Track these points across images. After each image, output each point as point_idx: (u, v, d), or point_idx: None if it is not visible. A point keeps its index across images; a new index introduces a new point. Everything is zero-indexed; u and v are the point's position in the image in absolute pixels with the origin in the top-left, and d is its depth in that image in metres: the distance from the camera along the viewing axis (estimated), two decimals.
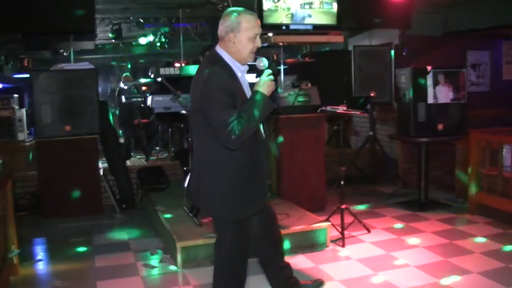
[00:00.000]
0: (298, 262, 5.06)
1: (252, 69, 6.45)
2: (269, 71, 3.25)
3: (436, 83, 6.78)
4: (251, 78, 6.79)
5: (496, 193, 6.42)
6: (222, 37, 3.27)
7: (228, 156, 3.17)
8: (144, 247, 5.65)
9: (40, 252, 5.68)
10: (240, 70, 3.34)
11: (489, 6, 8.09)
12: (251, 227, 3.52)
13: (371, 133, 8.53)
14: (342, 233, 5.54)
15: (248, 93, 3.32)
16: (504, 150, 6.41)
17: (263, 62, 3.28)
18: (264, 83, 3.21)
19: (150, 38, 11.66)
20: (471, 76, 9.74)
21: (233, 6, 6.68)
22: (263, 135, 3.45)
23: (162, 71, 5.19)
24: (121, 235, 6.14)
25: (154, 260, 5.23)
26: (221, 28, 3.27)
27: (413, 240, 5.70)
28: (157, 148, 9.35)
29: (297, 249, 5.31)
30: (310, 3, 6.50)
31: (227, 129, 3.01)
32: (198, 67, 3.39)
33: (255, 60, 3.35)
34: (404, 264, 5.01)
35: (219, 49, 3.31)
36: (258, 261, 3.81)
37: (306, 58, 9.59)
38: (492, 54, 10.15)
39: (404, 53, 8.55)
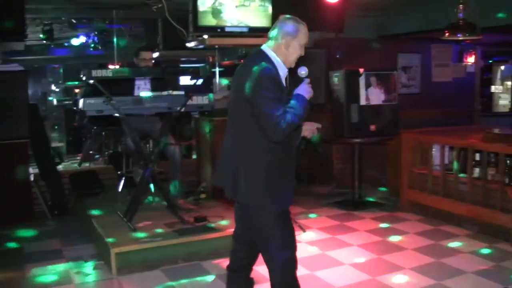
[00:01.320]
0: None
1: (184, 71, 6.42)
2: (308, 79, 3.42)
3: (368, 85, 6.92)
4: (186, 80, 6.77)
5: (426, 191, 6.61)
6: (277, 39, 3.39)
7: (267, 149, 3.27)
8: (77, 254, 5.52)
9: None
10: (284, 73, 3.43)
11: (420, 10, 8.30)
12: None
13: None
14: None
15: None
16: (433, 149, 6.62)
17: (304, 71, 3.43)
18: (306, 88, 3.37)
19: (83, 39, 11.40)
20: (402, 78, 9.96)
21: (168, 8, 6.67)
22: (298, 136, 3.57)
23: (94, 73, 5.07)
24: (54, 242, 5.96)
25: (88, 268, 5.12)
26: (279, 31, 3.39)
27: (348, 238, 5.79)
28: (90, 152, 9.14)
29: None
30: (246, 6, 6.51)
31: (275, 120, 3.13)
32: (243, 62, 3.51)
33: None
34: (339, 263, 5.09)
35: (267, 50, 3.41)
36: (230, 265, 3.72)
37: (242, 61, 9.59)
38: (422, 57, 10.43)
39: (337, 56, 8.67)
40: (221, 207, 6.15)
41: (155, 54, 7.78)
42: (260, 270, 4.90)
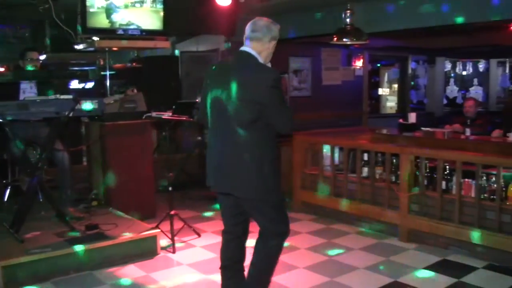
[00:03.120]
0: (129, 272, 4.95)
1: (72, 74, 6.19)
2: None
3: None
4: (75, 84, 6.56)
5: (318, 191, 6.77)
6: (263, 41, 3.61)
7: (273, 145, 3.57)
8: None
9: None
10: None
11: (310, 15, 8.50)
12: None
13: (199, 138, 8.59)
14: (172, 239, 5.52)
15: None
16: (324, 150, 6.79)
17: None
18: None
19: None
20: (293, 81, 10.19)
21: (55, 8, 6.43)
22: None
23: None
24: None
25: None
26: (266, 35, 3.61)
27: None
28: None
29: (127, 258, 5.19)
30: (136, 7, 6.41)
31: (290, 115, 3.53)
32: (229, 65, 3.66)
33: None
34: None
35: (253, 52, 3.59)
36: (223, 263, 3.87)
37: (134, 64, 9.46)
38: (313, 61, 10.71)
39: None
40: (114, 214, 6.01)
41: (42, 57, 7.49)
42: (154, 276, 4.83)
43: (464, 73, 14.69)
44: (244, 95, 3.42)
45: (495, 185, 5.13)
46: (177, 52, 9.51)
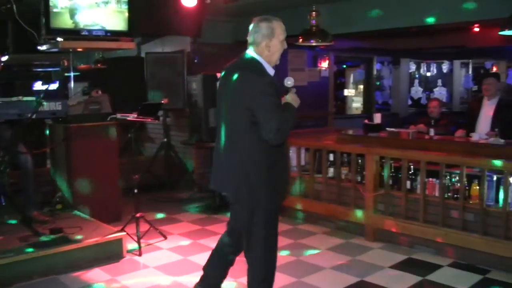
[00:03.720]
0: (94, 276, 4.90)
1: (35, 76, 6.09)
2: (295, 89, 3.65)
3: None
4: (38, 85, 6.45)
5: None
6: (258, 43, 3.55)
7: (268, 152, 3.44)
8: None
9: None
10: (272, 73, 3.59)
11: (276, 16, 8.50)
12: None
13: (165, 139, 8.54)
14: (138, 242, 5.47)
15: None
16: (290, 151, 6.80)
17: (291, 81, 3.66)
18: (294, 98, 3.58)
19: None
20: None
21: (18, 9, 6.31)
22: None
23: None
24: None
25: None
26: (256, 36, 3.56)
27: (209, 242, 5.79)
28: None
29: (92, 262, 5.13)
30: (100, 7, 6.33)
31: (276, 127, 3.30)
32: (230, 69, 3.61)
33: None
34: (201, 268, 5.06)
35: (254, 54, 3.56)
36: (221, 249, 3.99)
37: (99, 65, 9.35)
38: (280, 62, 10.71)
39: (195, 60, 8.69)
40: (79, 217, 5.94)
41: (5, 58, 7.35)
42: (120, 279, 4.78)
43: (428, 74, 14.87)
44: (237, 99, 3.45)
45: (458, 184, 5.22)
46: (142, 53, 9.44)
